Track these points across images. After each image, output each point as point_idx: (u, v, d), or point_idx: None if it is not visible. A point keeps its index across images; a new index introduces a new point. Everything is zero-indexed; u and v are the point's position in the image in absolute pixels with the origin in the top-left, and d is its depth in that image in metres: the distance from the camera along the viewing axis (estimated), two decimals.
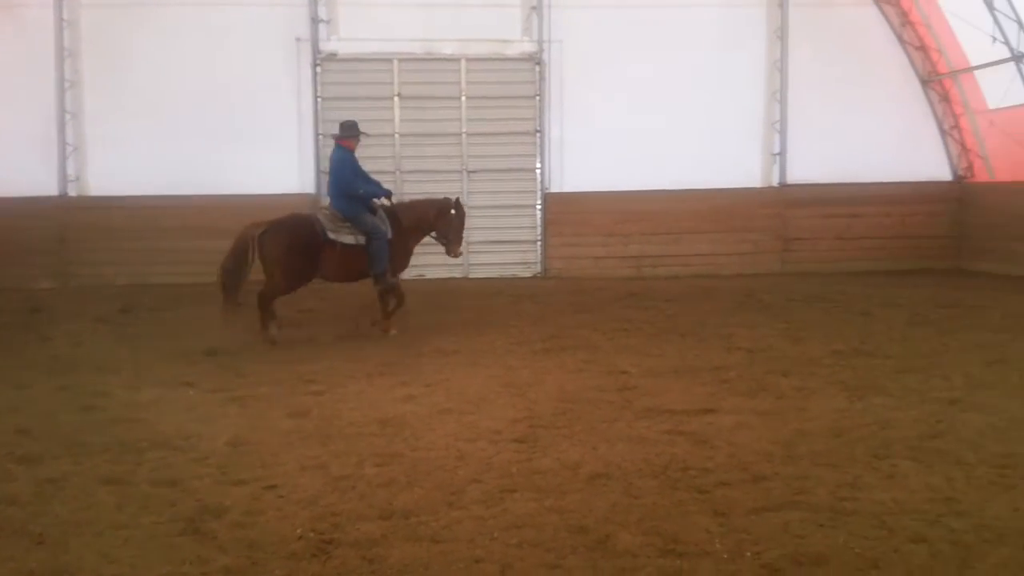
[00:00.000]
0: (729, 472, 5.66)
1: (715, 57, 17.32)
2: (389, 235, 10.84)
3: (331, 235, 10.55)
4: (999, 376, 8.21)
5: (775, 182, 17.77)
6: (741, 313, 12.35)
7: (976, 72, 16.87)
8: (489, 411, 7.25)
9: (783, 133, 17.65)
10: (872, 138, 17.37)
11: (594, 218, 17.24)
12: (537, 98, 17.38)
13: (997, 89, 16.20)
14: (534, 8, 17.23)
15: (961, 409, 7.08)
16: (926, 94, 18.03)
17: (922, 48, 17.77)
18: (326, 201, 16.89)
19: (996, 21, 15.33)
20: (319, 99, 17.11)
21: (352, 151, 11.04)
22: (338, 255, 10.57)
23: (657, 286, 15.23)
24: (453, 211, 11.28)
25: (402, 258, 11.30)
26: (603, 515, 4.99)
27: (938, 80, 17.83)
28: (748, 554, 4.47)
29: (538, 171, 17.47)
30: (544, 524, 4.88)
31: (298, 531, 4.84)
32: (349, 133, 11.05)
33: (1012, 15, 15.10)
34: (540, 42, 17.25)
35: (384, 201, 11.08)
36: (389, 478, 5.66)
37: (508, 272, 16.78)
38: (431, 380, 8.41)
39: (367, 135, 11.55)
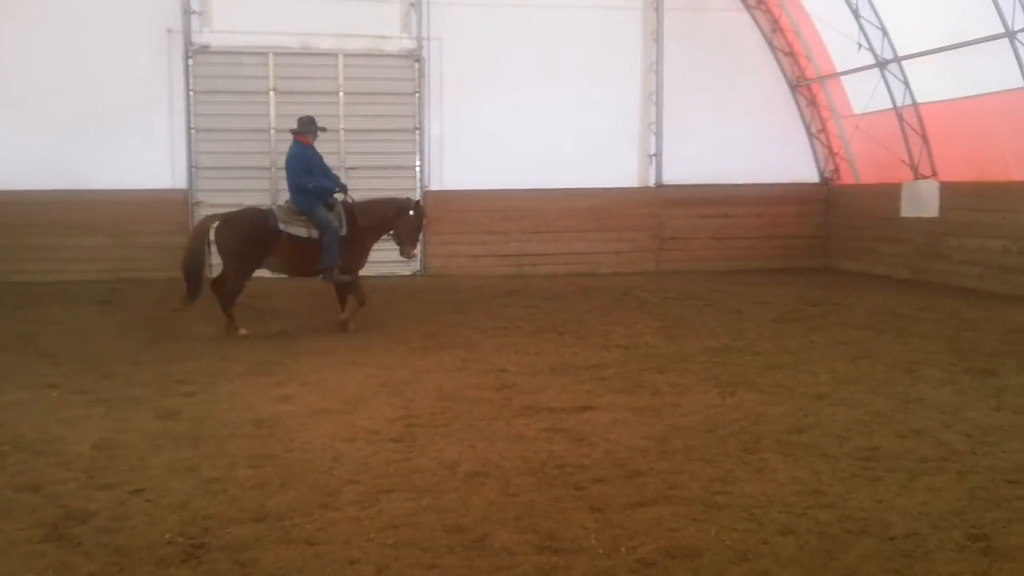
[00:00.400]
0: (605, 468, 5.71)
1: (594, 58, 17.59)
2: (343, 231, 10.86)
3: (282, 226, 10.66)
4: (863, 371, 8.55)
5: (651, 182, 18.17)
6: (618, 311, 12.56)
7: (842, 78, 17.66)
8: (366, 411, 7.16)
9: (659, 134, 18.06)
10: (744, 140, 17.97)
11: (474, 216, 17.27)
12: (417, 95, 17.31)
13: (862, 94, 16.94)
14: (413, 4, 17.16)
15: (827, 404, 7.34)
16: (795, 98, 18.78)
17: (791, 54, 18.47)
18: (210, 197, 16.77)
19: (861, 28, 16.04)
20: (191, 92, 16.63)
21: (309, 146, 11.11)
22: (288, 247, 10.72)
23: (536, 284, 15.37)
24: (411, 212, 11.19)
25: (357, 256, 11.25)
26: (480, 513, 4.97)
27: (806, 85, 18.58)
28: (623, 549, 4.51)
29: (417, 168, 17.40)
30: (421, 524, 4.84)
31: (167, 536, 4.68)
32: (305, 128, 11.14)
33: (877, 23, 15.83)
34: (419, 39, 17.19)
35: (340, 197, 11.10)
36: (262, 480, 5.52)
37: (386, 270, 16.58)
38: (307, 380, 8.27)
39: (324, 130, 11.50)
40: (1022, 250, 13.68)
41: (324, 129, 11.51)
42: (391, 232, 11.37)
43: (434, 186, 17.30)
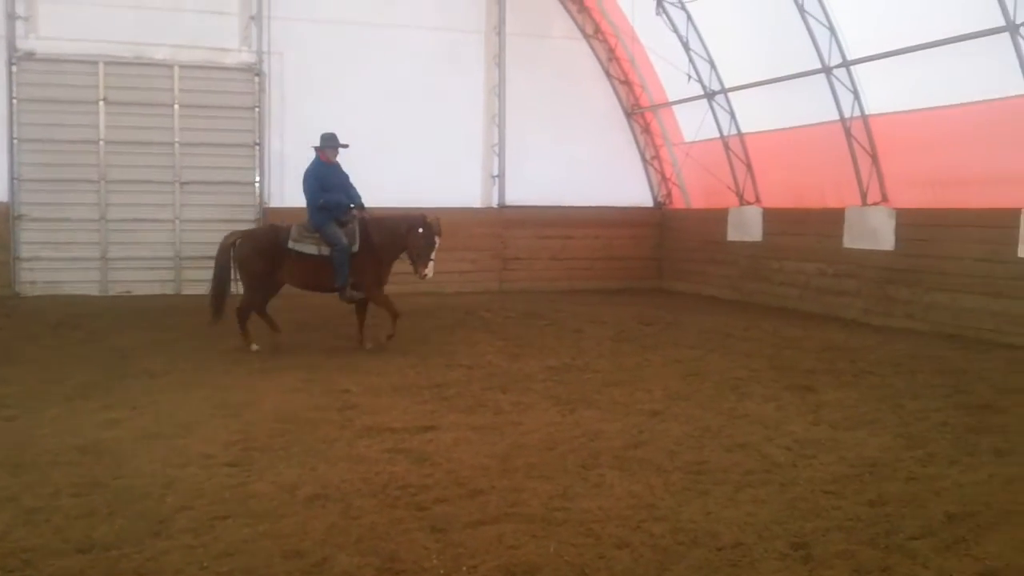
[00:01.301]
0: (447, 488, 5.71)
1: (438, 79, 17.69)
2: (354, 248, 10.78)
3: (291, 244, 10.75)
4: (694, 388, 8.88)
5: (494, 203, 18.39)
6: (462, 330, 12.66)
7: (674, 107, 18.41)
8: (201, 434, 6.93)
9: (501, 156, 18.34)
10: (582, 164, 18.46)
11: None
12: (256, 110, 16.95)
13: (692, 123, 17.70)
14: (253, 18, 16.80)
15: (661, 420, 7.58)
16: (630, 125, 19.43)
17: (627, 82, 19.13)
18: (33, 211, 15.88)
19: (691, 61, 16.79)
20: (15, 101, 15.74)
21: (327, 162, 11.13)
22: (297, 264, 10.80)
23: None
24: (420, 229, 10.74)
25: (373, 273, 10.97)
26: (320, 537, 4.89)
27: (640, 113, 19.27)
28: (464, 568, 4.53)
29: (257, 185, 17.00)
30: (258, 550, 4.71)
31: None
32: (325, 144, 11.17)
33: (705, 56, 16.60)
34: (260, 53, 16.85)
35: (356, 213, 11.02)
36: (88, 509, 5.25)
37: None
38: (137, 403, 7.93)
39: (346, 146, 11.31)
40: (837, 272, 14.58)
41: (346, 146, 11.31)
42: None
43: (275, 203, 16.94)
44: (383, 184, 16.81)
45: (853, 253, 14.19)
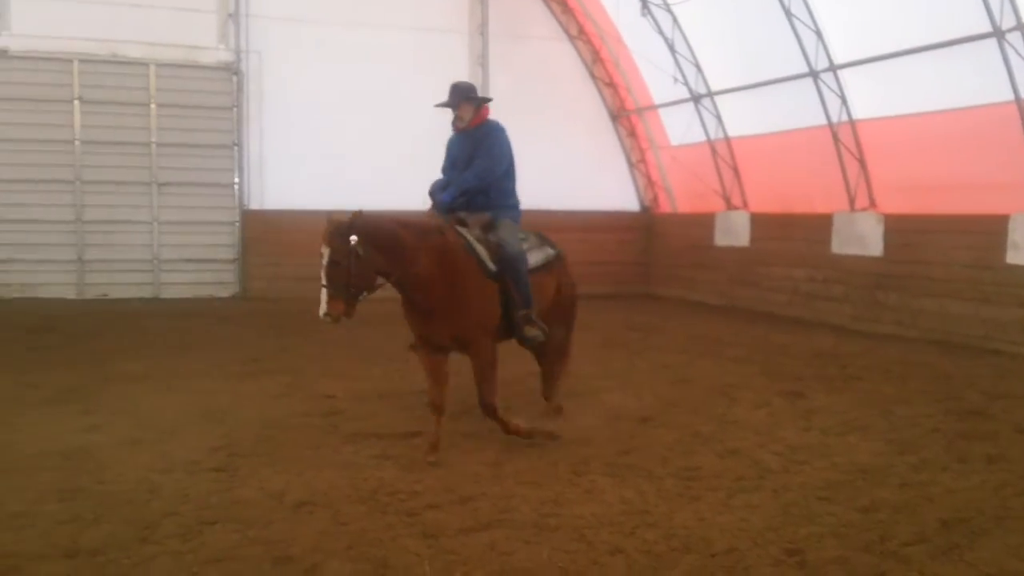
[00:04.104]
0: (437, 494, 5.65)
1: (419, 79, 17.47)
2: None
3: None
4: (684, 394, 8.82)
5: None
6: None
7: (660, 110, 18.37)
8: (184, 440, 6.81)
9: None
10: (568, 167, 18.34)
11: (297, 237, 16.67)
12: (235, 109, 16.76)
13: (679, 127, 17.70)
14: (231, 15, 16.63)
15: (652, 426, 7.52)
16: (616, 129, 19.40)
17: (612, 85, 19.10)
18: (8, 212, 15.56)
19: (677, 64, 16.78)
20: None
21: (456, 132, 7.77)
22: None
23: (364, 308, 15.02)
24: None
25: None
26: (310, 544, 4.82)
27: (626, 116, 19.26)
28: (458, 574, 4.49)
29: (236, 187, 16.82)
30: (247, 556, 4.65)
31: None
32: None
33: (691, 59, 16.59)
34: (237, 51, 16.68)
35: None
36: (73, 514, 5.17)
37: (204, 292, 15.96)
38: (118, 408, 7.79)
39: (446, 106, 7.85)
40: (825, 278, 14.59)
41: (447, 105, 7.78)
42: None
43: (254, 205, 16.78)
44: (366, 186, 16.72)
45: (841, 259, 14.20)
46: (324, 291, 6.09)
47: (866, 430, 7.41)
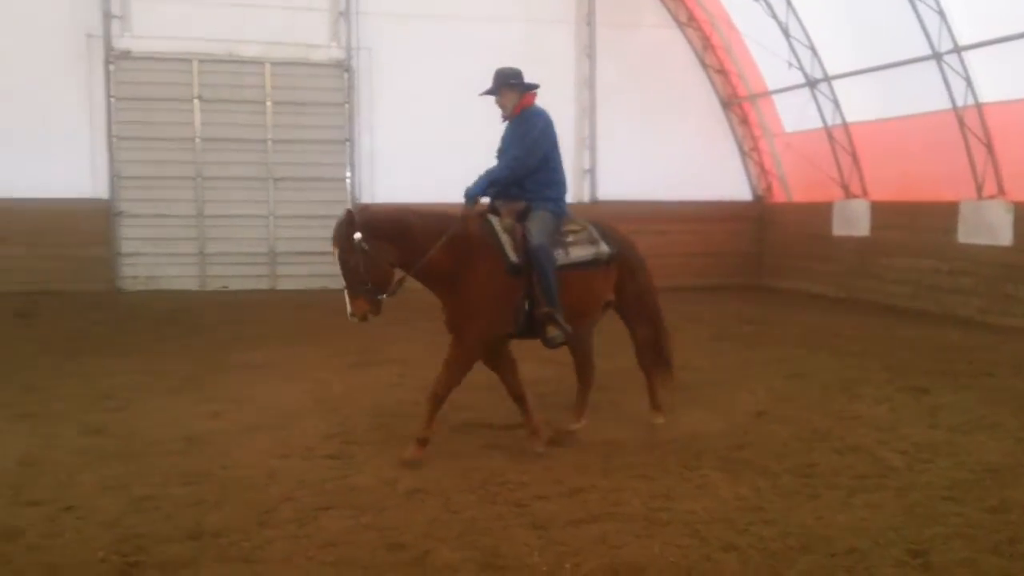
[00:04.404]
0: (547, 485, 5.64)
1: (526, 71, 17.46)
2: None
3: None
4: (800, 389, 8.58)
5: (586, 198, 18.15)
6: None
7: (774, 96, 17.89)
8: (302, 427, 7.00)
9: (592, 149, 18.11)
10: (677, 157, 18.07)
11: None
12: (346, 105, 17.07)
13: (793, 113, 17.23)
14: (342, 13, 16.93)
15: (766, 421, 7.35)
16: (727, 116, 18.99)
17: (723, 72, 18.71)
18: (133, 207, 16.27)
19: (791, 48, 16.32)
20: (112, 99, 16.14)
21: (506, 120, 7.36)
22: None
23: None
24: None
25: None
26: (422, 531, 4.88)
27: (738, 103, 18.83)
28: (568, 566, 4.46)
29: (348, 181, 17.14)
30: (361, 542, 4.74)
31: (100, 553, 4.55)
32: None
33: (806, 42, 16.12)
34: (349, 48, 16.97)
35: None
36: (197, 498, 5.37)
37: (318, 284, 16.30)
38: (238, 396, 8.05)
39: (490, 93, 7.58)
40: (951, 269, 13.97)
41: (490, 93, 7.53)
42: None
43: (365, 199, 17.05)
44: (471, 177, 16.80)
45: (968, 249, 13.55)
46: (345, 292, 6.02)
47: (995, 428, 7.08)
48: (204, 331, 11.75)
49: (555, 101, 18.07)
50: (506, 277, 6.31)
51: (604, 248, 6.87)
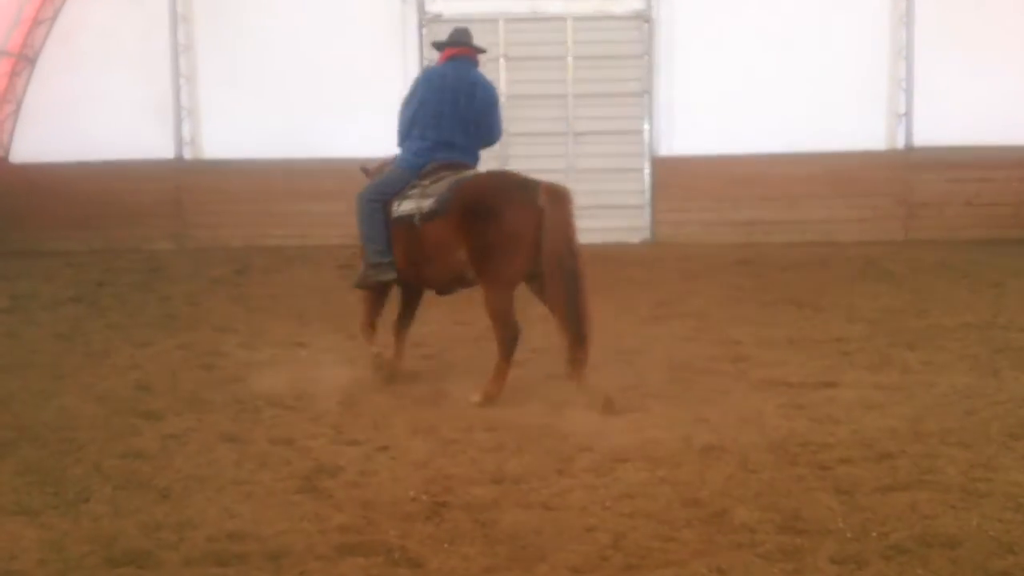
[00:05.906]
0: (851, 449, 5.41)
1: (834, 12, 16.57)
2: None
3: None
4: None
5: (900, 144, 16.94)
6: (862, 282, 11.83)
7: None
8: (596, 379, 7.06)
9: (909, 92, 16.79)
10: (1005, 97, 16.27)
11: (704, 183, 16.73)
12: (646, 57, 16.95)
13: None
14: None
15: None
16: None
17: None
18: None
19: None
20: (425, 62, 17.03)
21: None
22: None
23: (770, 253, 14.72)
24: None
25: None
26: (718, 488, 4.84)
27: None
28: (874, 534, 4.27)
29: (646, 133, 17.09)
30: (657, 495, 4.78)
31: (411, 493, 4.85)
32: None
33: None
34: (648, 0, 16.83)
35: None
36: (498, 443, 5.62)
37: (614, 237, 16.46)
38: (534, 346, 8.07)
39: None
40: None
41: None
42: None
43: (663, 151, 16.95)
44: (773, 129, 16.24)
45: None
46: None
47: None
48: None
49: (866, 42, 17.14)
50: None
51: (426, 204, 6.82)
